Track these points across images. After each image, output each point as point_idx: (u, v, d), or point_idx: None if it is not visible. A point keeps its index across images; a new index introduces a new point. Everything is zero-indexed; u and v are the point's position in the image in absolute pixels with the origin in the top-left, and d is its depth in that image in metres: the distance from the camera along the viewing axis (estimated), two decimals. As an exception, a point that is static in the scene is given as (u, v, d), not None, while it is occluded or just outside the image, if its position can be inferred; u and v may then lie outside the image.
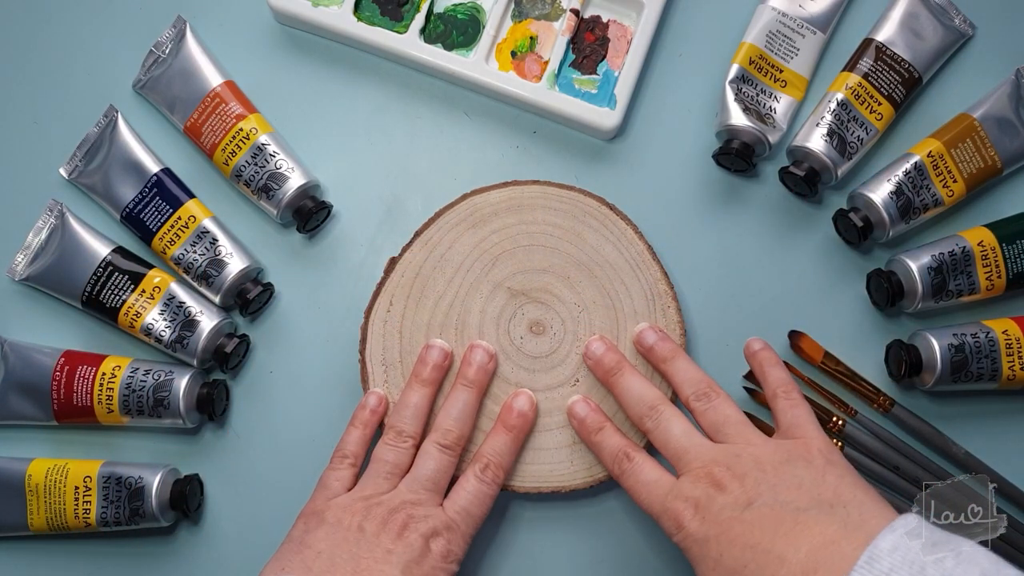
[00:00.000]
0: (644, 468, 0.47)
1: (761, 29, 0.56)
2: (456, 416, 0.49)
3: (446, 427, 0.49)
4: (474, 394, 0.50)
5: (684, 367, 0.49)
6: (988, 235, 0.53)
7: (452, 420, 0.49)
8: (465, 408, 0.50)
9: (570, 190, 0.55)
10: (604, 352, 0.51)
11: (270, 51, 0.60)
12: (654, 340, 0.51)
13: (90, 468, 0.51)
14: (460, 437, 0.49)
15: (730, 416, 0.46)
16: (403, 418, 0.50)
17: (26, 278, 0.55)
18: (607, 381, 0.50)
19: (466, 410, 0.50)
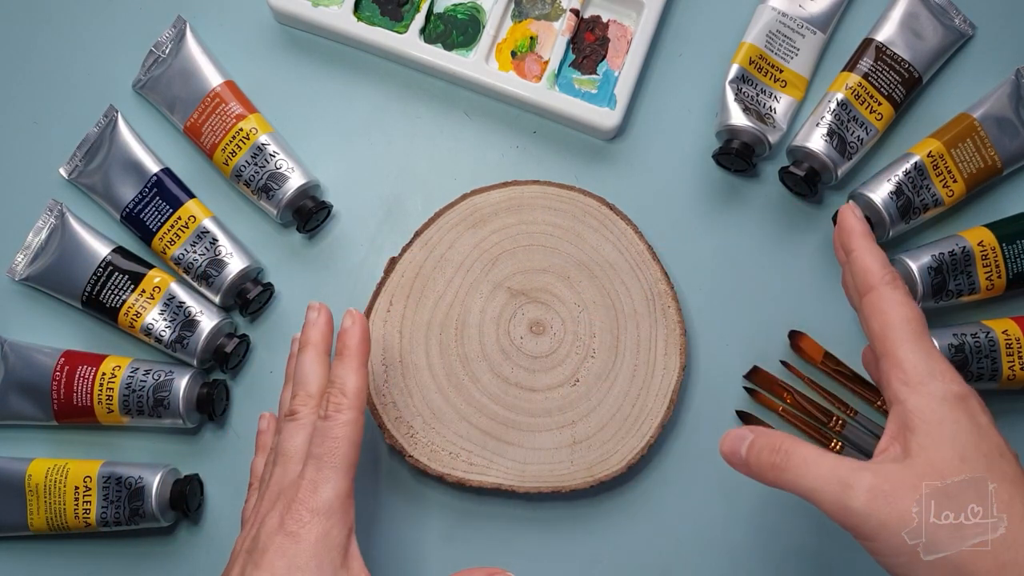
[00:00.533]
0: (915, 304, 0.42)
1: (761, 29, 0.56)
2: (298, 379, 0.46)
3: (292, 394, 0.46)
4: (310, 352, 0.47)
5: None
6: (988, 235, 0.53)
7: (296, 385, 0.46)
8: (304, 366, 0.46)
9: (570, 190, 0.55)
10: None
11: (270, 51, 0.60)
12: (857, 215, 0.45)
13: (90, 468, 0.51)
14: (306, 396, 0.45)
15: None
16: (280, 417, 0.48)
17: (26, 278, 0.55)
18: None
19: (305, 367, 0.46)
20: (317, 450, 0.43)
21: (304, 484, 0.42)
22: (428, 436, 0.51)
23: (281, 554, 0.40)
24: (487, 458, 0.51)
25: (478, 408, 0.52)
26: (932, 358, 0.40)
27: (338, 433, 0.43)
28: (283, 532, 0.41)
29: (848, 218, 0.44)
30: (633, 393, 0.52)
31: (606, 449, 0.51)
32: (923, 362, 0.39)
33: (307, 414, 0.45)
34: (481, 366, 0.52)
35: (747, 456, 0.41)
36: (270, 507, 0.42)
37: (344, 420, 0.43)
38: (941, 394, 0.39)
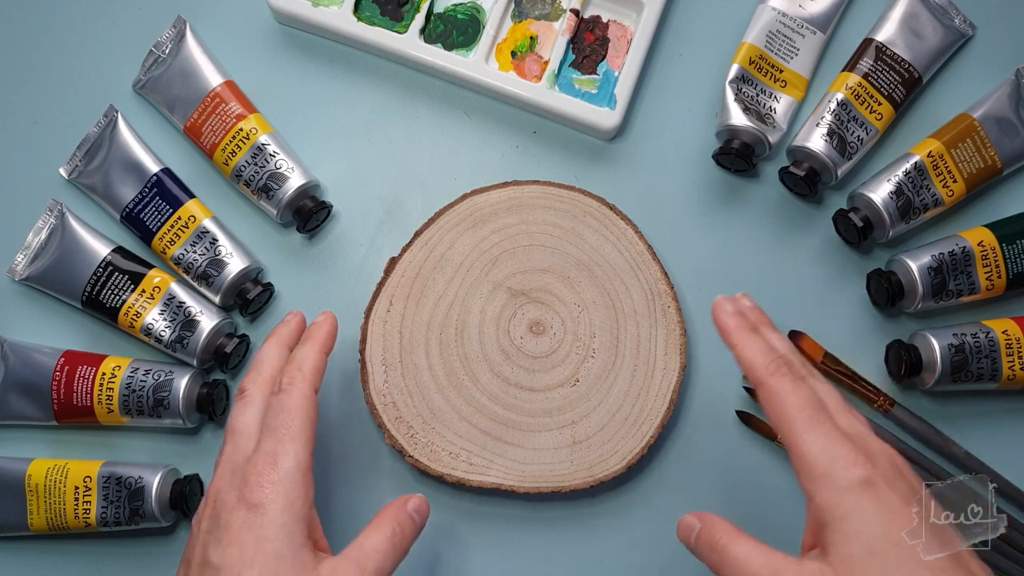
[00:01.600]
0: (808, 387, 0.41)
1: (761, 29, 0.56)
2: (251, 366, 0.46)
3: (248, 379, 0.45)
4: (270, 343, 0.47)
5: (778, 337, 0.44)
6: (988, 235, 0.53)
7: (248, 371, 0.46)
8: (261, 352, 0.46)
9: (570, 190, 0.55)
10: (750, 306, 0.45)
11: (270, 51, 0.60)
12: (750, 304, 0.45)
13: (90, 468, 0.51)
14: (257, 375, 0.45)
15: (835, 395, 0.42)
16: None
17: (26, 278, 0.55)
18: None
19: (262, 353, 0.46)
20: (273, 422, 0.42)
21: (261, 456, 0.41)
22: (428, 436, 0.51)
23: (247, 527, 0.39)
24: (487, 458, 0.51)
25: (478, 408, 0.52)
26: (832, 443, 0.38)
27: (293, 404, 0.42)
28: (245, 506, 0.39)
29: (719, 317, 0.44)
30: (633, 393, 0.52)
31: (606, 449, 0.51)
32: (823, 451, 0.38)
33: (255, 391, 0.44)
34: (481, 366, 0.52)
35: (693, 548, 0.42)
36: (223, 483, 0.41)
37: (299, 392, 0.43)
38: (844, 484, 0.37)
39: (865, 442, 0.40)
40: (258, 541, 0.39)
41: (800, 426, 0.39)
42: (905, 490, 0.38)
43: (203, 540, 0.40)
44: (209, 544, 0.40)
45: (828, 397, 0.41)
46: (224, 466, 0.42)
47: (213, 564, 0.39)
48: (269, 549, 0.39)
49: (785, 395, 0.40)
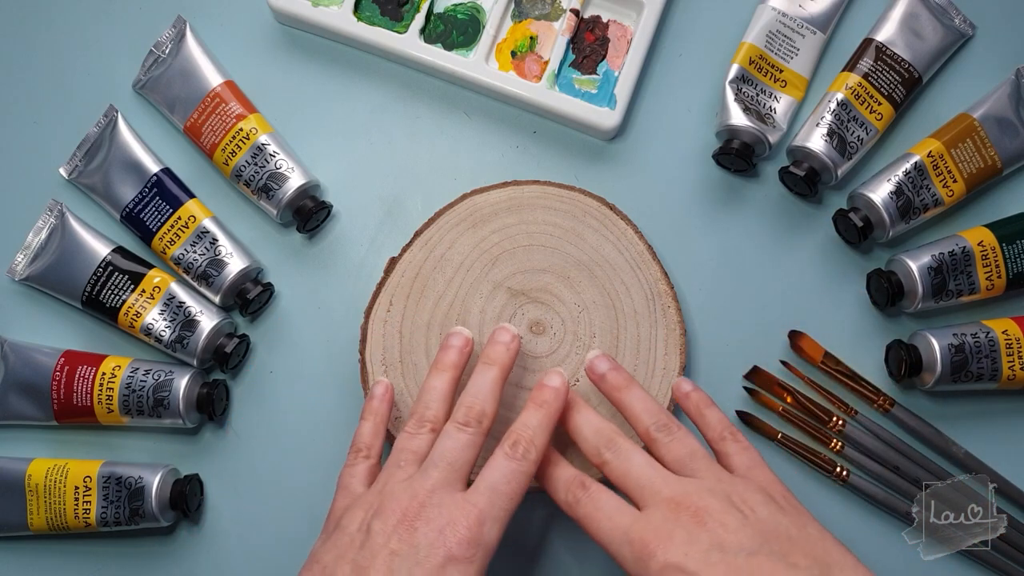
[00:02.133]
0: (603, 496, 0.43)
1: (761, 29, 0.56)
2: (475, 393, 0.45)
3: (466, 404, 0.45)
4: (495, 372, 0.46)
5: (641, 396, 0.46)
6: (988, 235, 0.53)
7: (471, 397, 0.45)
8: (486, 385, 0.46)
9: (570, 190, 0.55)
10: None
11: (270, 51, 0.60)
12: (607, 368, 0.48)
13: (90, 468, 0.51)
14: (482, 414, 0.45)
15: (696, 450, 0.44)
16: (423, 403, 0.46)
17: (26, 278, 0.55)
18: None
19: (487, 386, 0.46)
20: (502, 487, 0.42)
21: (475, 513, 0.41)
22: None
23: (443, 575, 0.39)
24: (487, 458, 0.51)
25: (478, 408, 0.52)
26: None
27: (523, 481, 0.43)
28: (447, 554, 0.39)
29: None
30: (633, 393, 0.52)
31: (606, 449, 0.51)
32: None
33: (480, 433, 0.44)
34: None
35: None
36: (428, 514, 0.41)
37: (529, 472, 0.43)
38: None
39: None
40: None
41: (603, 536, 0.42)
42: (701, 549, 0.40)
43: (391, 561, 0.39)
44: (399, 570, 0.39)
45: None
46: (431, 494, 0.41)
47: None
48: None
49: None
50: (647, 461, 0.43)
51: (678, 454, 0.44)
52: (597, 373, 0.48)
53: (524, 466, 0.43)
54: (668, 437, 0.44)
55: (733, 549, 0.39)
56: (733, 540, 0.39)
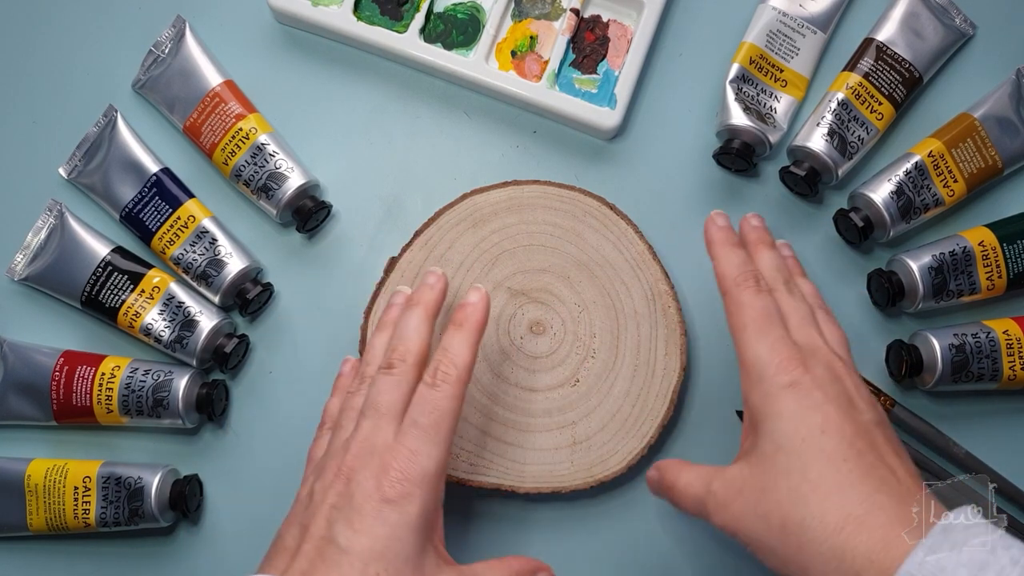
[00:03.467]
0: (770, 300, 0.43)
1: (761, 29, 0.56)
2: (399, 335, 0.45)
3: (391, 347, 0.44)
4: (419, 310, 0.45)
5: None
6: (989, 235, 0.53)
7: (395, 339, 0.44)
8: (409, 324, 0.45)
9: (570, 190, 0.55)
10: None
11: (270, 51, 0.60)
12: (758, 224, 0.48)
13: (89, 468, 0.51)
14: (405, 352, 0.44)
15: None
16: (365, 361, 0.46)
17: (25, 278, 0.55)
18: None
19: (410, 326, 0.45)
20: (422, 419, 0.42)
21: (404, 451, 0.40)
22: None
23: (382, 521, 0.39)
24: (487, 458, 0.51)
25: (478, 408, 0.52)
26: (773, 351, 0.41)
27: (445, 406, 0.42)
28: (382, 497, 0.39)
29: (707, 230, 0.47)
30: (633, 394, 0.52)
31: (606, 450, 0.51)
32: (762, 358, 0.41)
33: (404, 371, 0.43)
34: (481, 366, 0.52)
35: (661, 496, 0.45)
36: (360, 464, 0.41)
37: (452, 393, 0.43)
38: (772, 387, 0.40)
39: (813, 352, 0.42)
40: (390, 539, 0.39)
41: (749, 334, 0.42)
42: (834, 392, 0.40)
43: (329, 514, 0.40)
44: (337, 522, 0.39)
45: (794, 312, 0.44)
46: (362, 444, 0.41)
47: (339, 544, 0.38)
48: (398, 548, 0.39)
49: (742, 305, 0.43)
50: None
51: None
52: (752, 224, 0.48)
53: (444, 389, 0.43)
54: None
55: (859, 408, 0.40)
56: (860, 404, 0.40)
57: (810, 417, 0.39)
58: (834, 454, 0.38)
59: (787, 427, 0.39)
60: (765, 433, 0.40)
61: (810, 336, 0.43)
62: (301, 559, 0.39)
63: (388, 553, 0.38)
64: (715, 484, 0.41)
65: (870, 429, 0.39)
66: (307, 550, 0.39)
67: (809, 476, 0.38)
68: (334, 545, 0.39)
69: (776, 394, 0.40)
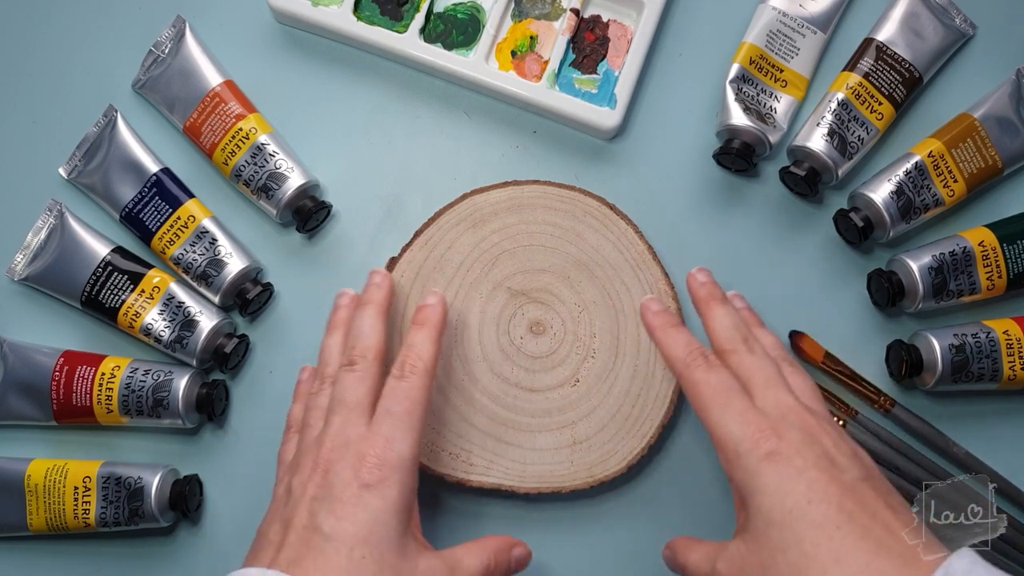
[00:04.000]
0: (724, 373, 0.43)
1: (761, 29, 0.56)
2: (356, 334, 0.46)
3: (349, 346, 0.46)
4: (370, 309, 0.47)
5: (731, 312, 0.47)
6: (989, 235, 0.53)
7: (352, 339, 0.46)
8: (364, 323, 0.47)
9: (570, 190, 0.55)
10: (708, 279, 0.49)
11: (270, 51, 0.60)
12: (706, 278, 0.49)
13: (89, 468, 0.51)
14: (365, 348, 0.46)
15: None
16: (322, 363, 0.48)
17: (25, 278, 0.55)
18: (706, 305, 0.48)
19: (365, 324, 0.46)
20: (395, 408, 0.43)
21: (379, 440, 0.42)
22: (428, 436, 0.51)
23: (364, 507, 0.40)
24: (487, 459, 0.51)
25: (478, 408, 0.52)
26: (743, 424, 0.41)
27: (416, 395, 0.44)
28: (361, 484, 0.41)
29: (645, 316, 0.48)
30: (633, 394, 0.52)
31: (606, 450, 0.51)
32: (733, 433, 0.41)
33: (366, 367, 0.45)
34: (481, 366, 0.52)
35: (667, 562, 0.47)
36: (336, 456, 0.42)
37: (421, 384, 0.44)
38: (750, 463, 0.40)
39: (783, 416, 0.41)
40: (372, 523, 0.40)
41: (713, 413, 0.42)
42: (813, 456, 0.40)
43: (311, 506, 0.41)
44: (319, 512, 0.40)
45: (757, 372, 0.44)
46: (336, 438, 0.43)
47: (324, 532, 0.39)
48: (382, 532, 0.40)
49: (698, 384, 0.43)
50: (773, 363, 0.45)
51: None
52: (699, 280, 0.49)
53: (413, 380, 0.44)
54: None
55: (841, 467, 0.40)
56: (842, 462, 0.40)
57: (794, 487, 0.39)
58: (824, 522, 0.37)
59: (773, 501, 0.39)
60: (754, 509, 0.40)
61: (777, 398, 0.43)
62: (287, 549, 0.40)
63: (372, 537, 0.40)
64: (719, 563, 0.41)
65: (856, 487, 0.39)
66: (292, 541, 0.40)
67: (804, 550, 0.37)
68: (319, 534, 0.39)
69: (756, 468, 0.40)
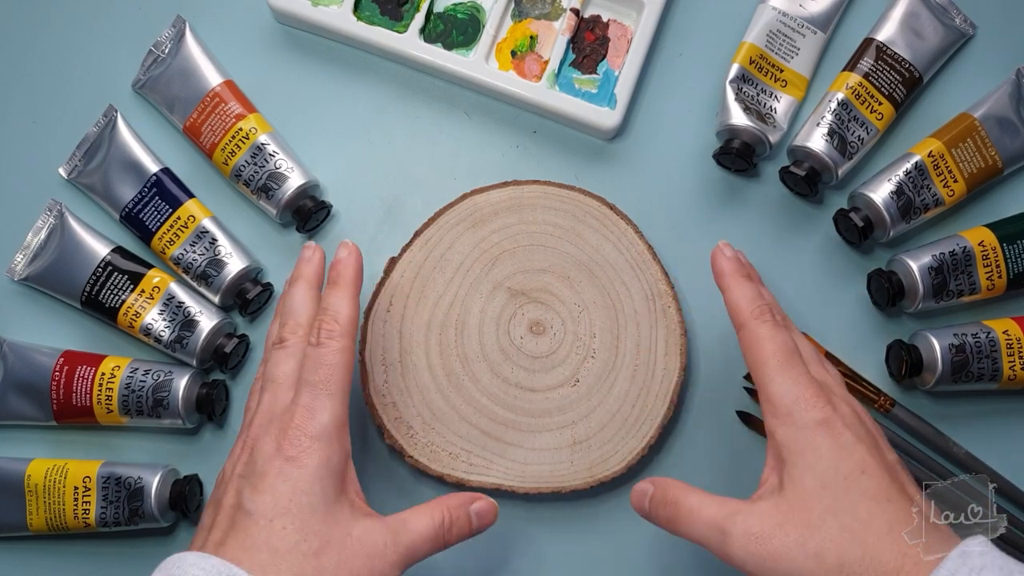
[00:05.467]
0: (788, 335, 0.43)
1: (761, 29, 0.56)
2: (287, 312, 0.46)
3: (280, 325, 0.46)
4: (300, 284, 0.47)
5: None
6: (989, 235, 0.53)
7: (284, 316, 0.46)
8: (294, 299, 0.46)
9: (570, 190, 0.55)
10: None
11: (270, 51, 0.60)
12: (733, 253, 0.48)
13: (89, 468, 0.51)
14: (296, 325, 0.45)
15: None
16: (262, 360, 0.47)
17: (25, 278, 0.55)
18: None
19: (295, 300, 0.46)
20: (312, 377, 0.42)
21: (299, 410, 0.41)
22: (428, 436, 0.51)
23: (283, 478, 0.40)
24: (487, 458, 0.51)
25: (478, 408, 0.52)
26: (798, 386, 0.41)
27: (332, 360, 0.43)
28: (282, 456, 0.40)
29: (716, 261, 0.47)
30: (633, 393, 0.52)
31: (606, 450, 0.51)
32: (789, 392, 0.41)
33: (296, 342, 0.45)
34: (481, 366, 0.52)
35: (648, 510, 0.44)
36: (261, 432, 0.42)
37: (338, 347, 0.43)
38: (804, 423, 0.40)
39: (831, 389, 0.42)
40: (293, 492, 0.40)
41: (772, 368, 0.42)
42: (862, 433, 0.40)
43: (237, 484, 0.41)
44: (244, 489, 0.40)
45: (804, 348, 0.44)
46: (262, 415, 0.43)
47: (246, 508, 0.40)
48: (303, 501, 0.39)
49: (763, 339, 0.43)
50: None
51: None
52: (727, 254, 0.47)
53: (330, 344, 0.43)
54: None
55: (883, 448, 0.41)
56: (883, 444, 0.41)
57: (849, 456, 0.39)
58: (878, 494, 0.38)
59: (827, 464, 0.39)
60: (803, 467, 0.39)
61: (822, 373, 0.43)
62: (215, 531, 0.40)
63: (292, 507, 0.39)
64: (742, 516, 0.40)
65: (897, 470, 0.40)
66: (220, 521, 0.40)
67: (859, 515, 0.38)
68: (242, 511, 0.40)
69: (810, 429, 0.40)
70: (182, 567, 0.38)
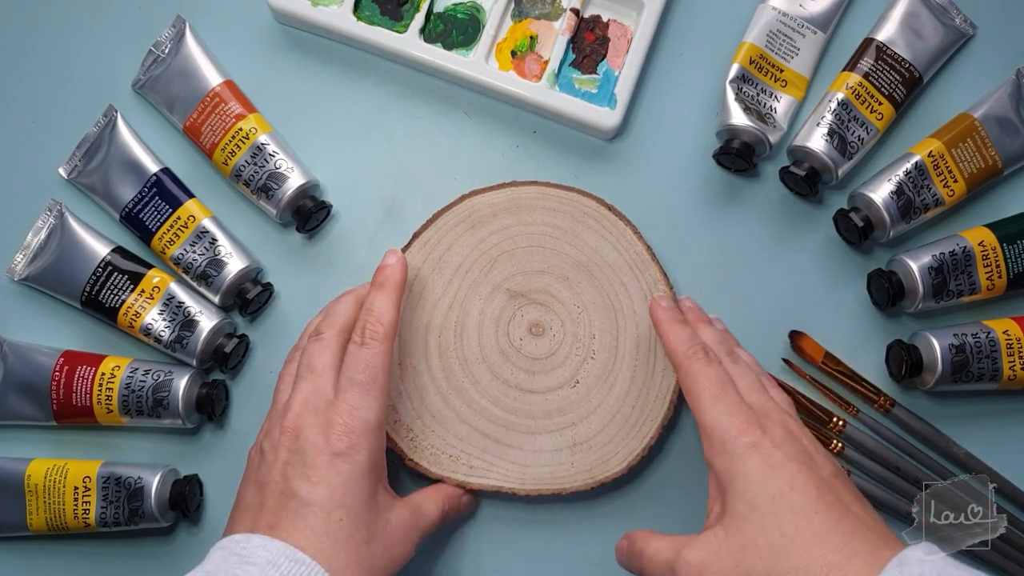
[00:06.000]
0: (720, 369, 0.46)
1: (761, 29, 0.56)
2: (329, 312, 0.49)
3: (320, 322, 0.48)
4: (351, 296, 0.50)
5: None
6: (989, 235, 0.53)
7: (326, 316, 0.49)
8: (340, 304, 0.49)
9: (568, 191, 0.55)
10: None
11: (270, 51, 0.60)
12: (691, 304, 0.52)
13: (89, 468, 0.51)
14: (333, 322, 0.48)
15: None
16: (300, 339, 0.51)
17: (25, 278, 0.55)
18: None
19: (340, 305, 0.49)
20: (357, 376, 0.45)
21: (345, 407, 0.44)
22: (428, 439, 0.51)
23: (336, 472, 0.42)
24: (487, 461, 0.51)
25: (478, 411, 0.52)
26: (730, 415, 0.43)
27: (376, 361, 0.46)
28: (331, 450, 0.43)
29: (652, 312, 0.50)
30: (633, 394, 0.52)
31: (606, 451, 0.51)
32: (721, 423, 0.43)
33: (332, 337, 0.47)
34: (480, 368, 0.52)
35: (626, 564, 0.47)
36: (304, 421, 0.44)
37: (381, 349, 0.46)
38: (735, 450, 0.42)
39: (765, 414, 0.44)
40: (346, 486, 0.43)
41: (706, 402, 0.45)
42: (794, 451, 0.42)
43: (284, 470, 0.43)
44: (294, 477, 0.42)
45: (742, 377, 0.47)
46: (305, 404, 0.45)
47: (301, 497, 0.42)
48: (355, 495, 0.43)
49: (696, 375, 0.46)
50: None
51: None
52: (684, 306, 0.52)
53: (374, 346, 0.46)
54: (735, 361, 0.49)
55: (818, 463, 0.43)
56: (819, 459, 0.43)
57: (777, 475, 0.41)
58: (806, 508, 0.40)
59: (756, 486, 0.41)
60: (735, 493, 0.41)
61: (760, 399, 0.45)
62: (266, 513, 0.42)
63: (347, 500, 0.42)
64: (687, 550, 0.42)
65: (832, 482, 0.42)
66: (271, 505, 0.42)
67: (785, 531, 0.39)
68: (296, 499, 0.42)
69: (741, 455, 0.42)
70: (248, 548, 0.40)
